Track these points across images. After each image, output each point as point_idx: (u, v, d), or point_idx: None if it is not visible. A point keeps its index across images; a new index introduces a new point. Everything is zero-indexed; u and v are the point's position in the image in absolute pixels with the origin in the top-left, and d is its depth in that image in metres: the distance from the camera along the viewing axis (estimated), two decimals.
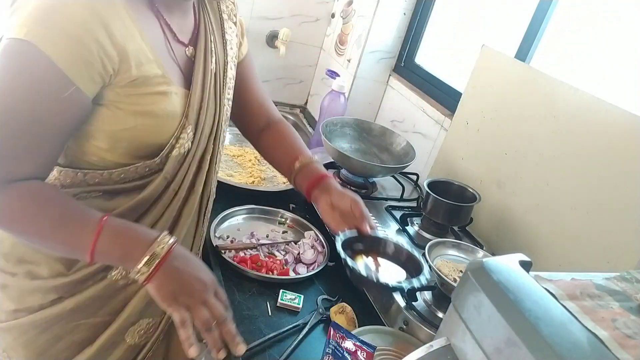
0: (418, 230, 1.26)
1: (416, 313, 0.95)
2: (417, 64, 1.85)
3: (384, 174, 1.44)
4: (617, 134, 1.00)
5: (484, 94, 1.37)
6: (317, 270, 1.16)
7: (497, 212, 1.27)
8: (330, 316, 1.03)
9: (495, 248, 1.26)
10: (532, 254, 0.69)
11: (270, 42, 2.12)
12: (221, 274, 1.10)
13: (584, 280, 0.56)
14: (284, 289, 1.08)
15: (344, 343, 0.91)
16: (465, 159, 1.41)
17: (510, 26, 1.44)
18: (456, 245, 1.08)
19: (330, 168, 1.49)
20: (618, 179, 0.98)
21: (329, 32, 2.18)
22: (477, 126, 1.38)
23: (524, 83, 1.24)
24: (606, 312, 0.50)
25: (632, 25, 1.12)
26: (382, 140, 1.56)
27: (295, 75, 2.27)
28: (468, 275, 0.53)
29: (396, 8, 1.83)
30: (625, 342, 0.45)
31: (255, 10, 2.05)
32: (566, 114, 1.11)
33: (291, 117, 2.23)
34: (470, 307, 0.52)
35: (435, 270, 0.95)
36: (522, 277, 0.53)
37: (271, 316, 1.02)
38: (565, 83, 1.13)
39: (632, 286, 0.57)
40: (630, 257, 0.94)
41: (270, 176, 1.54)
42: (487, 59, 1.37)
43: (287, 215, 1.37)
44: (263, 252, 1.20)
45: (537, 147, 1.18)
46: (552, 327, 0.45)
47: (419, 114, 1.70)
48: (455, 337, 0.54)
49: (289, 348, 0.93)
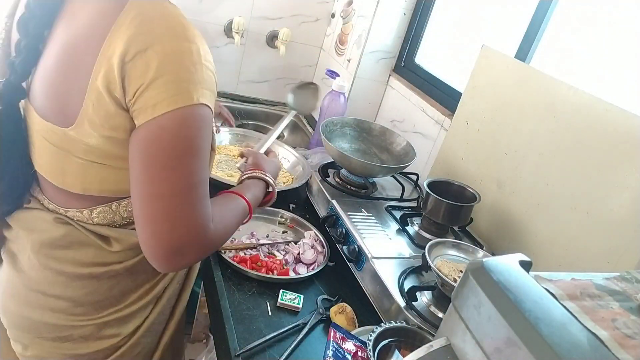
0: (418, 230, 1.26)
1: (416, 313, 0.95)
2: (417, 64, 1.85)
3: (384, 174, 1.43)
4: (617, 134, 1.00)
5: (484, 94, 1.37)
6: (317, 270, 1.16)
7: (497, 212, 1.27)
8: (330, 316, 1.03)
9: (495, 248, 1.26)
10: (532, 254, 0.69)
11: (270, 42, 2.12)
12: (221, 274, 1.10)
13: (584, 280, 0.56)
14: (284, 289, 1.08)
15: (344, 344, 0.91)
16: (465, 159, 1.41)
17: (510, 26, 1.44)
18: (456, 245, 1.08)
19: (331, 168, 1.49)
20: (618, 179, 0.98)
21: (329, 32, 2.18)
22: (477, 126, 1.38)
23: (524, 83, 1.24)
24: (606, 312, 0.50)
25: (632, 25, 1.12)
26: (382, 140, 1.56)
27: (295, 75, 2.27)
28: (468, 275, 0.53)
29: (396, 8, 1.83)
30: (625, 342, 0.45)
31: (255, 10, 2.05)
32: (566, 113, 1.11)
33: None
34: (470, 307, 0.52)
35: (435, 270, 0.95)
36: (522, 277, 0.53)
37: (271, 316, 1.02)
38: (565, 83, 1.13)
39: (632, 286, 0.57)
40: (630, 257, 0.94)
41: None
42: (487, 59, 1.37)
43: (287, 215, 1.37)
44: (263, 252, 1.20)
45: (537, 147, 1.18)
46: (552, 327, 0.45)
47: (419, 114, 1.70)
48: (455, 337, 0.54)
49: (289, 348, 0.93)
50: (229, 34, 2.04)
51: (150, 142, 0.70)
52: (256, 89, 2.23)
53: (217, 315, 1.01)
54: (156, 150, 0.70)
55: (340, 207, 1.25)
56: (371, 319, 1.03)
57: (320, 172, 1.44)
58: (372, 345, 0.86)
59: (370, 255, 1.08)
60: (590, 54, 1.24)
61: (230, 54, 2.10)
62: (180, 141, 0.70)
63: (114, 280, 0.87)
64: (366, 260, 1.08)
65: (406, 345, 0.91)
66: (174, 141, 0.70)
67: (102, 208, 0.83)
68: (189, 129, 0.71)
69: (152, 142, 0.70)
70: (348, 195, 1.34)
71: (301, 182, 1.45)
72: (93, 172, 0.79)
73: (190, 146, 0.71)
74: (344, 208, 1.25)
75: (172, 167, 0.70)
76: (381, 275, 1.03)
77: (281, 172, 1.58)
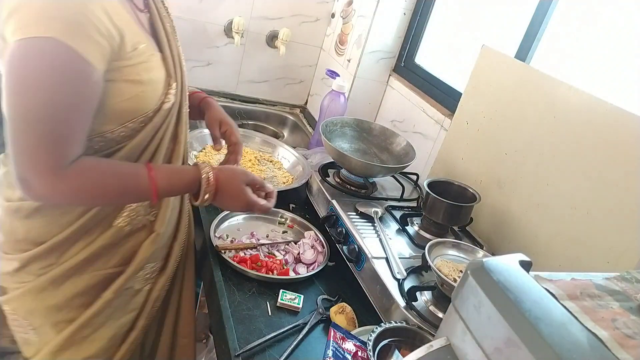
0: (418, 230, 1.26)
1: (416, 313, 0.95)
2: (417, 64, 1.85)
3: (384, 174, 1.44)
4: (617, 134, 1.00)
5: (484, 94, 1.37)
6: (317, 270, 1.16)
7: (497, 212, 1.27)
8: (330, 316, 1.03)
9: (495, 248, 1.26)
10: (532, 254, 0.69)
11: (270, 42, 2.13)
12: (221, 274, 1.10)
13: (584, 280, 0.56)
14: (284, 289, 1.08)
15: (344, 344, 0.91)
16: (465, 159, 1.41)
17: (510, 26, 1.44)
18: (456, 245, 1.08)
19: (331, 168, 1.49)
20: (618, 179, 0.98)
21: (329, 32, 2.18)
22: (477, 126, 1.38)
23: (524, 83, 1.24)
24: (606, 312, 0.50)
25: (632, 25, 1.12)
26: (382, 140, 1.56)
27: (295, 75, 2.27)
28: (468, 275, 0.53)
29: (396, 8, 1.83)
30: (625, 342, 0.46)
31: (255, 10, 2.05)
32: (566, 114, 1.11)
33: (291, 117, 2.23)
34: (470, 307, 0.52)
35: (435, 270, 0.95)
36: (522, 277, 0.53)
37: (271, 316, 1.02)
38: (565, 83, 1.13)
39: (632, 286, 0.57)
40: (630, 257, 0.94)
41: (270, 176, 1.54)
42: (487, 59, 1.37)
43: (287, 215, 1.37)
44: (263, 252, 1.20)
45: (537, 147, 1.18)
46: (552, 327, 0.45)
47: (419, 114, 1.70)
48: (455, 337, 0.54)
49: (289, 348, 0.93)
50: (229, 34, 2.04)
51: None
52: (256, 89, 2.23)
53: (217, 315, 1.01)
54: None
55: (340, 207, 1.25)
56: (371, 319, 1.03)
57: (320, 172, 1.44)
58: (372, 345, 0.86)
59: (370, 255, 1.08)
60: (590, 54, 1.24)
61: (230, 54, 2.10)
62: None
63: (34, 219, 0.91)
64: (366, 260, 1.08)
65: (406, 345, 0.91)
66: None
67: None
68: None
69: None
70: (348, 195, 1.34)
71: (301, 182, 1.45)
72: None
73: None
74: (344, 208, 1.25)
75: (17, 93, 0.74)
76: (381, 275, 1.03)
77: (281, 172, 1.58)
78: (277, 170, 1.59)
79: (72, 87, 0.75)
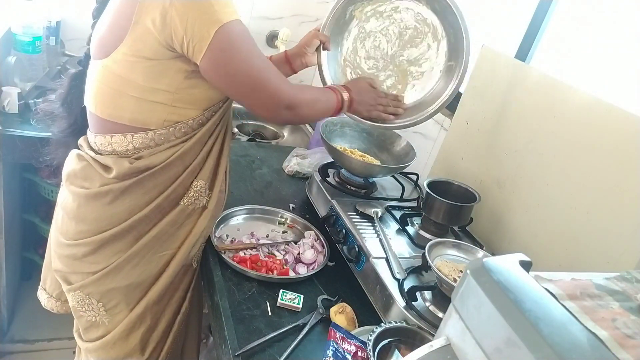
0: (418, 230, 1.26)
1: (416, 313, 0.95)
2: None
3: (384, 174, 1.43)
4: (617, 134, 1.00)
5: (484, 94, 1.37)
6: (317, 270, 1.16)
7: (497, 212, 1.27)
8: (330, 316, 1.03)
9: (495, 248, 1.26)
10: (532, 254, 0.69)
11: (270, 42, 2.13)
12: (221, 274, 1.10)
13: (584, 280, 0.56)
14: (284, 289, 1.08)
15: (344, 344, 0.91)
16: (465, 159, 1.41)
17: (510, 26, 1.44)
18: (456, 245, 1.07)
19: (331, 168, 1.49)
20: (618, 179, 0.98)
21: None
22: (477, 126, 1.38)
23: (524, 83, 1.24)
24: (606, 312, 0.50)
25: (632, 25, 1.12)
26: (382, 140, 1.56)
27: (295, 75, 2.27)
28: (468, 275, 0.53)
29: None
30: (625, 342, 0.46)
31: (255, 10, 2.05)
32: (566, 114, 1.11)
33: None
34: (470, 307, 0.52)
35: (435, 270, 0.95)
36: (522, 277, 0.53)
37: (271, 316, 1.02)
38: (565, 83, 1.13)
39: (632, 286, 0.57)
40: (630, 257, 0.94)
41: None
42: (487, 59, 1.37)
43: (287, 215, 1.37)
44: (263, 252, 1.20)
45: (537, 147, 1.18)
46: (552, 327, 0.45)
47: None
48: (455, 337, 0.54)
49: (289, 348, 0.93)
50: None
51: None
52: None
53: (217, 315, 1.01)
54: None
55: (340, 207, 1.25)
56: (371, 319, 1.03)
57: (320, 172, 1.44)
58: (372, 345, 0.86)
59: (370, 255, 1.08)
60: (590, 54, 1.24)
61: None
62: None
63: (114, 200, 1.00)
64: (366, 260, 1.08)
65: (406, 345, 0.91)
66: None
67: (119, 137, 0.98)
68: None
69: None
70: (348, 195, 1.34)
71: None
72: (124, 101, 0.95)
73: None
74: (344, 208, 1.25)
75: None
76: (381, 275, 1.03)
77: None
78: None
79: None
